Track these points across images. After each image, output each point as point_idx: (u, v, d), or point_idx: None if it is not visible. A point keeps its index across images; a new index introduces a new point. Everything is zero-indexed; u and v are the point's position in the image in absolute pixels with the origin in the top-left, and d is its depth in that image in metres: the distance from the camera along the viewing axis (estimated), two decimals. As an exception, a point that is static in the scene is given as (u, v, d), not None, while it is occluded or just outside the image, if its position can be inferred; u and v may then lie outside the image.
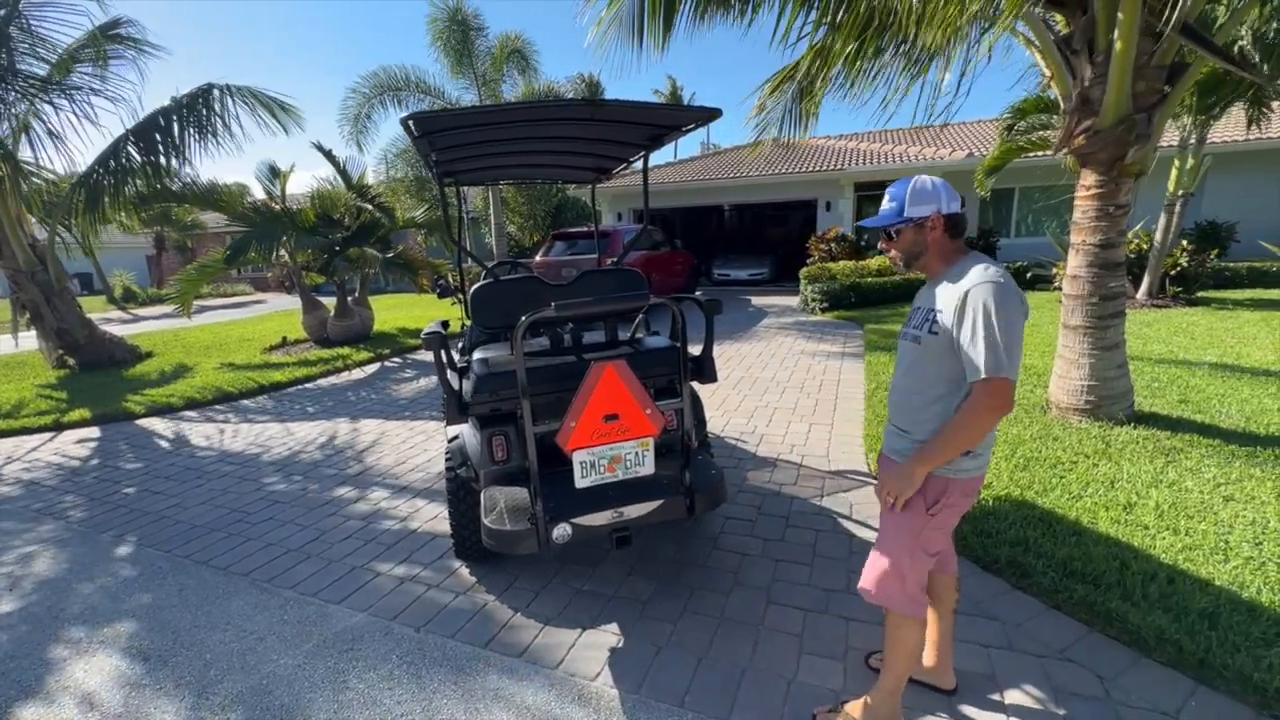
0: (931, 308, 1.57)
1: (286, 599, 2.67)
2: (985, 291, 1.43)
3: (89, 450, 4.91)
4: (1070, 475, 3.26)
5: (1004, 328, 1.41)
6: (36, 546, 3.29)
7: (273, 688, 2.12)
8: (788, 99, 5.65)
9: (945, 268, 1.60)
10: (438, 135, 2.44)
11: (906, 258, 1.65)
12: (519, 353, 1.97)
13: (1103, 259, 3.75)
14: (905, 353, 1.69)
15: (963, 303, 1.46)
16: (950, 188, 1.59)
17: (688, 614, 2.42)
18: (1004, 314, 1.41)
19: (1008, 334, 1.41)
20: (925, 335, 1.57)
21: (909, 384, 1.65)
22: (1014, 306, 1.43)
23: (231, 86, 7.41)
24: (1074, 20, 3.60)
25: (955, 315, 1.47)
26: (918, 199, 1.57)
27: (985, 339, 1.41)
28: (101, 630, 2.51)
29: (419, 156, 10.74)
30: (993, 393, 1.42)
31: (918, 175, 1.62)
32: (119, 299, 18.51)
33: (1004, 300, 1.42)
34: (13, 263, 7.41)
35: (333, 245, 8.40)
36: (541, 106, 2.21)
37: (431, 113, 2.12)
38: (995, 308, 1.41)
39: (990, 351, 1.40)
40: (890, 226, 1.63)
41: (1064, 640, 2.14)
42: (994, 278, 1.45)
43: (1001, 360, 1.40)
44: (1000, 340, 1.40)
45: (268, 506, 3.64)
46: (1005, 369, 1.41)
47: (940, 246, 1.60)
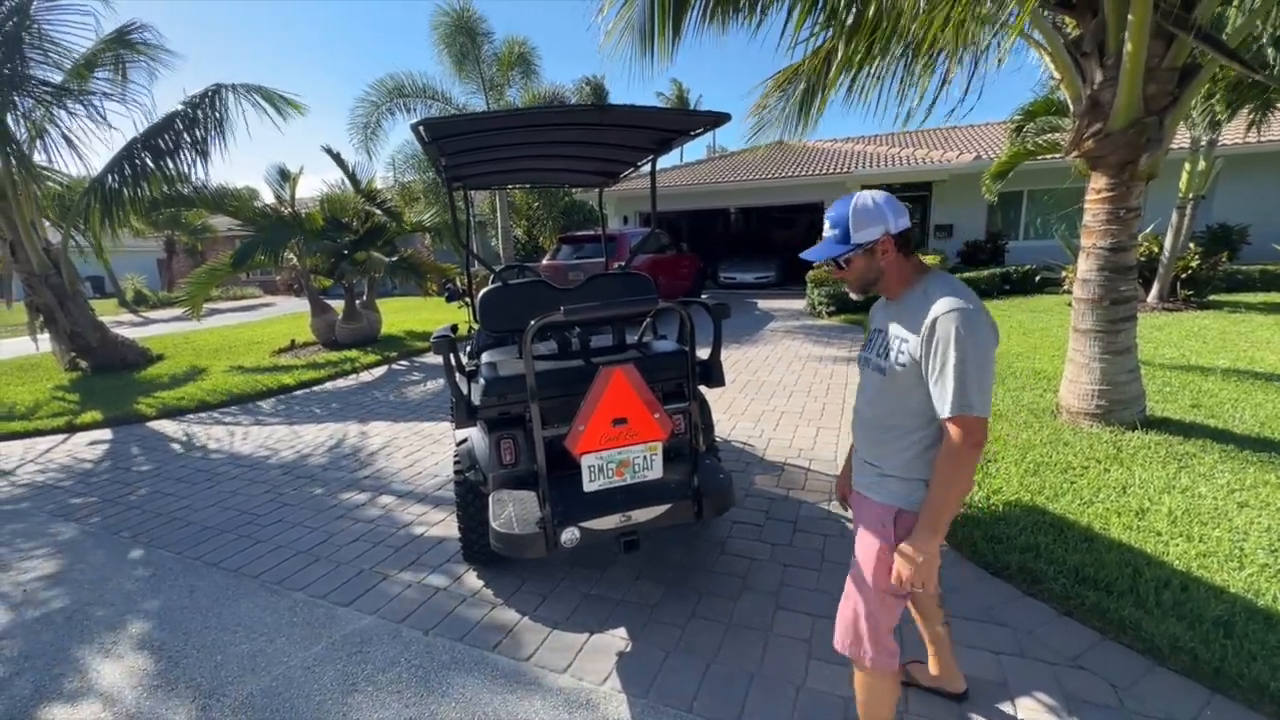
0: (895, 334, 1.45)
1: (296, 601, 2.68)
2: (955, 320, 1.31)
3: (101, 452, 4.96)
4: (1081, 480, 3.23)
5: (976, 359, 1.30)
6: (50, 547, 3.32)
7: (283, 689, 2.13)
8: (791, 99, 5.65)
9: (905, 289, 1.47)
10: (447, 140, 2.46)
11: (861, 285, 1.51)
12: (528, 357, 1.98)
13: (1113, 263, 3.72)
14: (870, 382, 1.55)
15: (931, 332, 1.34)
16: (895, 201, 1.44)
17: (696, 618, 2.41)
18: (976, 344, 1.30)
19: (980, 366, 1.31)
20: (892, 366, 1.44)
21: (878, 416, 1.52)
22: (985, 335, 1.33)
23: (239, 86, 7.50)
24: (1084, 23, 3.58)
25: (923, 346, 1.35)
26: (862, 221, 1.42)
27: (956, 373, 1.30)
28: (114, 631, 2.53)
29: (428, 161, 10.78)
30: (969, 431, 1.31)
31: (858, 193, 1.46)
32: (130, 302, 18.70)
33: (975, 329, 1.31)
34: (27, 266, 7.51)
35: (341, 249, 8.46)
36: (550, 112, 2.23)
37: (441, 119, 2.14)
38: (966, 338, 1.30)
39: (962, 387, 1.30)
40: (839, 257, 1.47)
41: (1076, 647, 2.12)
42: (963, 303, 1.33)
43: (973, 396, 1.30)
44: (973, 374, 1.30)
45: (277, 509, 3.66)
46: (979, 406, 1.31)
47: (897, 268, 1.46)
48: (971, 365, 1.30)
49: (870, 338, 1.58)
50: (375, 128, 11.59)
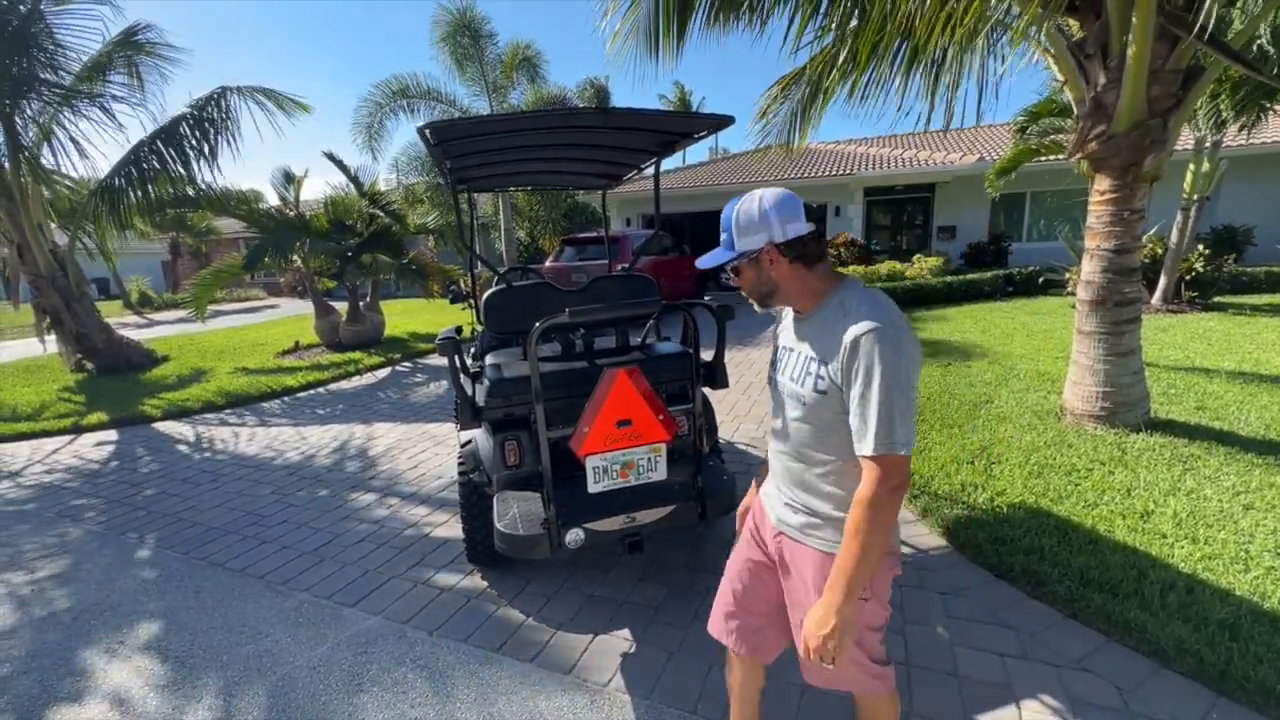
0: (810, 355, 1.26)
1: (301, 601, 2.69)
2: (876, 340, 1.13)
3: (107, 453, 4.99)
4: (1086, 483, 3.22)
5: (902, 389, 1.13)
6: (57, 548, 3.34)
7: (289, 689, 2.14)
8: (795, 103, 5.66)
9: (817, 302, 1.29)
10: (452, 143, 2.48)
11: (755, 297, 1.35)
12: (533, 358, 1.99)
13: (1117, 264, 3.71)
14: (784, 408, 1.35)
15: (852, 354, 1.16)
16: (789, 204, 1.25)
17: (699, 620, 2.41)
18: (901, 371, 1.13)
19: (906, 396, 1.14)
20: (809, 393, 1.25)
21: (800, 449, 1.32)
22: (911, 359, 1.16)
23: (245, 88, 7.54)
24: (1088, 25, 3.58)
25: (843, 368, 1.18)
26: (745, 228, 1.26)
27: (879, 402, 1.13)
28: (121, 631, 2.55)
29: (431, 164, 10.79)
30: (890, 473, 1.14)
31: (748, 194, 1.28)
32: (135, 304, 18.80)
33: (900, 352, 1.14)
34: (34, 268, 7.56)
35: (345, 251, 8.50)
36: (556, 115, 2.25)
37: (447, 121, 2.16)
38: (892, 363, 1.13)
39: (887, 422, 1.13)
40: (728, 265, 1.32)
41: (1081, 650, 2.11)
42: (885, 321, 1.16)
43: (898, 432, 1.13)
44: (899, 405, 1.13)
45: (282, 510, 3.68)
46: (903, 443, 1.14)
47: (795, 280, 1.28)
48: (897, 395, 1.13)
49: (779, 355, 1.40)
50: (379, 128, 11.64)
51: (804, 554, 1.34)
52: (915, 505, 3.18)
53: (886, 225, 15.40)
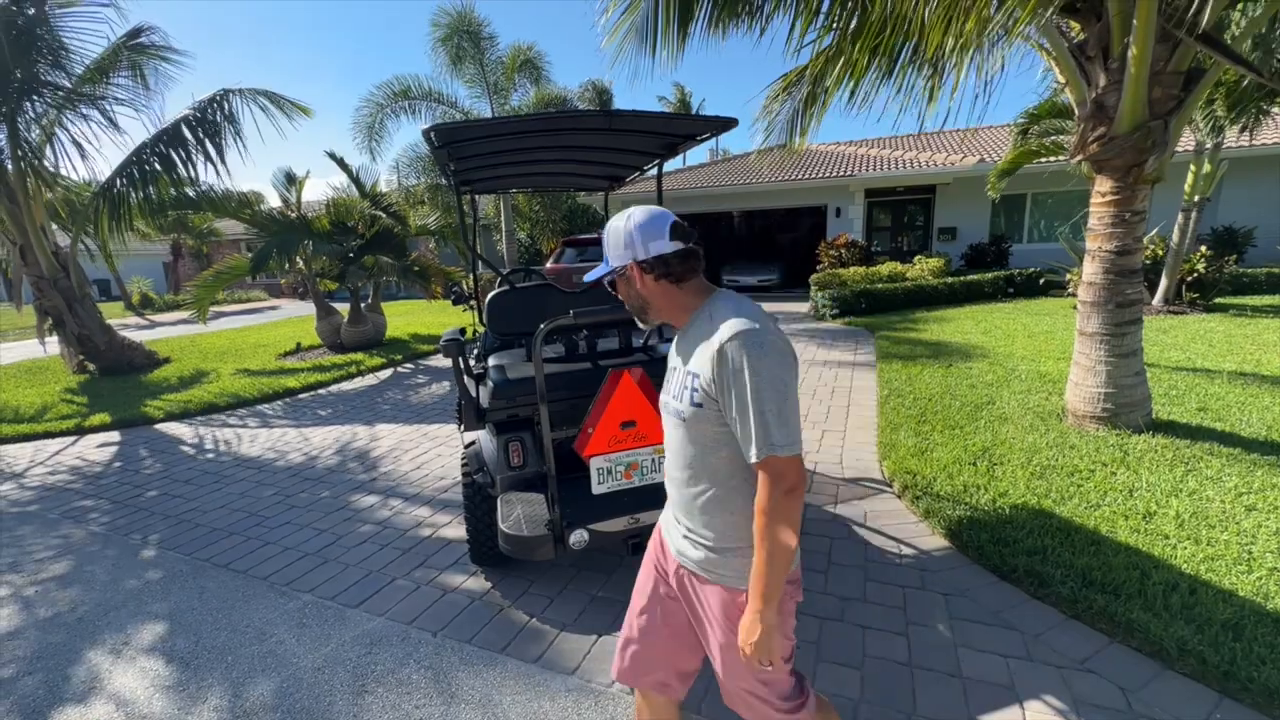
0: (687, 370, 1.24)
1: (305, 602, 2.70)
2: (740, 346, 1.12)
3: (110, 454, 5.00)
4: (1088, 484, 3.23)
5: (772, 388, 1.11)
6: (60, 549, 3.35)
7: (294, 690, 2.14)
8: (796, 103, 5.67)
9: (689, 317, 1.28)
10: (457, 145, 2.49)
11: (633, 311, 1.35)
12: (538, 360, 2.00)
13: (1119, 266, 3.72)
14: (669, 429, 1.32)
15: (719, 362, 1.15)
16: (654, 222, 1.23)
17: (703, 621, 2.42)
18: (769, 371, 1.11)
19: (779, 396, 1.11)
20: (687, 408, 1.22)
21: (685, 472, 1.28)
22: (775, 359, 1.13)
23: (245, 90, 7.55)
24: (1088, 27, 3.59)
25: (715, 378, 1.16)
26: (613, 246, 1.27)
27: (754, 408, 1.11)
28: (125, 632, 2.55)
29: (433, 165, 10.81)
30: (780, 475, 1.12)
31: (624, 211, 1.28)
32: (136, 305, 18.81)
33: (765, 352, 1.12)
34: (36, 270, 7.58)
35: (347, 253, 8.51)
36: (560, 117, 2.26)
37: (452, 124, 2.17)
38: (758, 364, 1.11)
39: (763, 424, 1.11)
40: (604, 279, 1.34)
41: (1084, 651, 2.12)
42: (749, 324, 1.14)
43: (773, 433, 1.11)
44: (771, 406, 1.11)
45: (285, 511, 3.68)
46: (784, 443, 1.11)
47: (664, 297, 1.27)
48: (768, 397, 1.11)
49: (667, 377, 1.36)
50: (380, 129, 11.67)
51: (708, 591, 1.31)
52: (918, 506, 3.19)
53: (887, 226, 15.41)
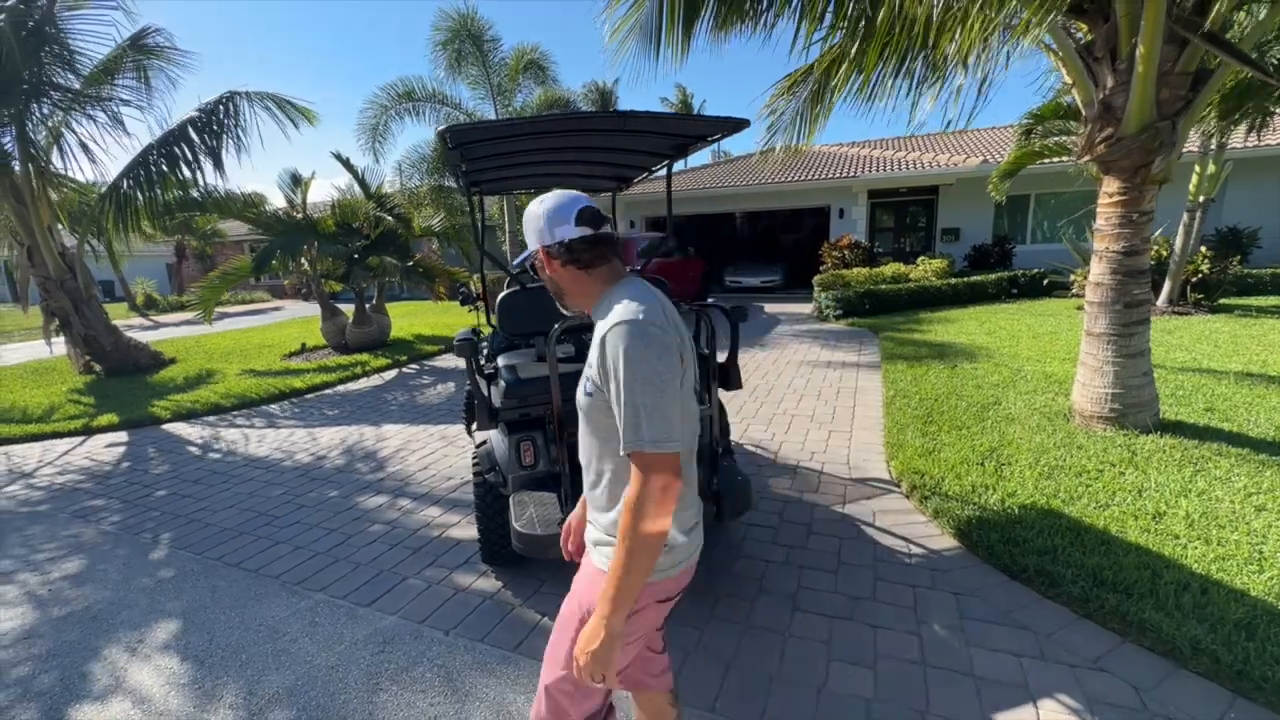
0: (589, 359, 1.22)
1: (317, 601, 2.71)
2: (618, 335, 1.09)
3: (118, 454, 5.02)
4: (1096, 484, 3.23)
5: (644, 381, 1.07)
6: (72, 548, 3.36)
7: (308, 688, 2.15)
8: (800, 103, 5.68)
9: (595, 305, 1.26)
10: (469, 146, 2.50)
11: (554, 296, 1.33)
12: (552, 359, 2.01)
13: (1126, 266, 3.73)
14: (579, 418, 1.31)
15: (601, 351, 1.13)
16: (562, 209, 1.21)
17: (714, 620, 2.42)
18: (641, 363, 1.07)
19: (651, 389, 1.07)
20: (583, 397, 1.22)
21: (586, 460, 1.28)
22: (654, 350, 1.09)
23: (252, 92, 7.58)
24: (1096, 28, 3.60)
25: (599, 368, 1.15)
26: (528, 231, 1.26)
27: (626, 400, 1.08)
28: (140, 629, 2.56)
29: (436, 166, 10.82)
30: (648, 471, 1.07)
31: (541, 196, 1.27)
32: (140, 306, 18.86)
33: (641, 343, 1.08)
34: (44, 270, 7.61)
35: (352, 253, 8.53)
36: (574, 118, 2.28)
37: (467, 125, 2.18)
38: (631, 355, 1.08)
39: (632, 418, 1.07)
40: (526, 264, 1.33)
41: (1096, 650, 2.12)
42: (631, 315, 1.11)
43: (642, 427, 1.07)
44: (641, 400, 1.07)
45: (294, 510, 3.70)
46: (651, 438, 1.06)
47: (573, 283, 1.25)
48: (640, 389, 1.07)
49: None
50: (384, 131, 11.68)
51: (585, 565, 1.31)
52: (926, 506, 3.19)
53: (890, 228, 15.41)
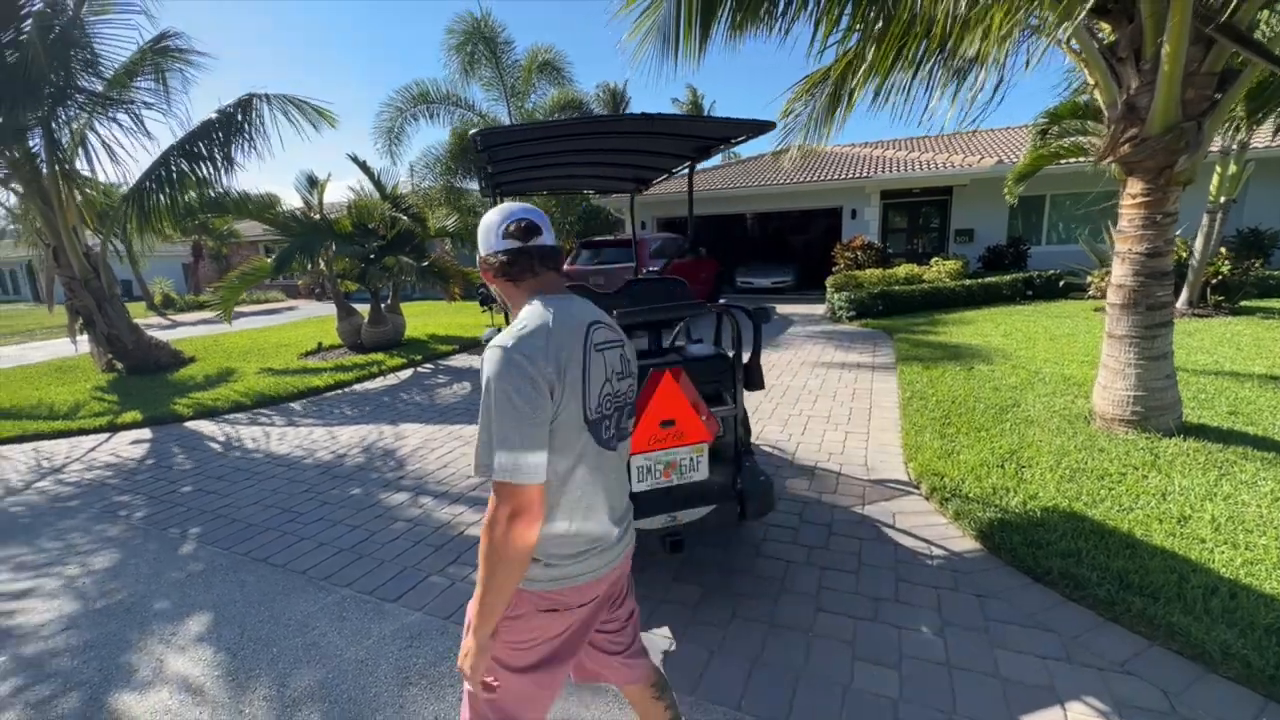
0: None
1: (343, 596, 2.76)
2: (488, 359, 1.11)
3: (143, 451, 5.11)
4: (1119, 487, 3.21)
5: (498, 409, 1.08)
6: (103, 542, 3.44)
7: (339, 681, 2.19)
8: (817, 105, 5.68)
9: None
10: (498, 149, 2.54)
11: (502, 306, 1.39)
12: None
13: (1150, 268, 3.70)
14: None
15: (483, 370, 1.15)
16: (496, 222, 1.25)
17: (737, 619, 2.44)
18: (497, 390, 1.08)
19: (503, 417, 1.07)
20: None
21: None
22: (510, 383, 1.08)
23: (271, 95, 7.68)
24: (1120, 28, 3.58)
25: None
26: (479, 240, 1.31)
27: (483, 425, 1.11)
28: (172, 622, 2.62)
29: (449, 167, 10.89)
30: (497, 497, 1.08)
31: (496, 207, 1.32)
32: (158, 305, 19.15)
33: (500, 371, 1.09)
34: (69, 270, 7.75)
35: (368, 254, 8.62)
36: (602, 121, 2.30)
37: (498, 128, 2.21)
38: (491, 382, 1.09)
39: (485, 443, 1.11)
40: None
41: (1123, 653, 2.11)
42: (504, 340, 1.12)
43: (483, 454, 1.11)
44: (493, 427, 1.08)
45: (317, 507, 3.75)
46: (499, 467, 1.07)
47: (508, 295, 1.28)
48: (496, 418, 1.08)
49: None
50: (399, 133, 11.81)
51: None
52: (947, 508, 3.18)
53: (903, 228, 15.32)
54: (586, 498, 1.22)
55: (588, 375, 1.18)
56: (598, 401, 1.20)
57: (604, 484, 1.25)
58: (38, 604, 2.83)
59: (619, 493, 1.32)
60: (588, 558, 1.24)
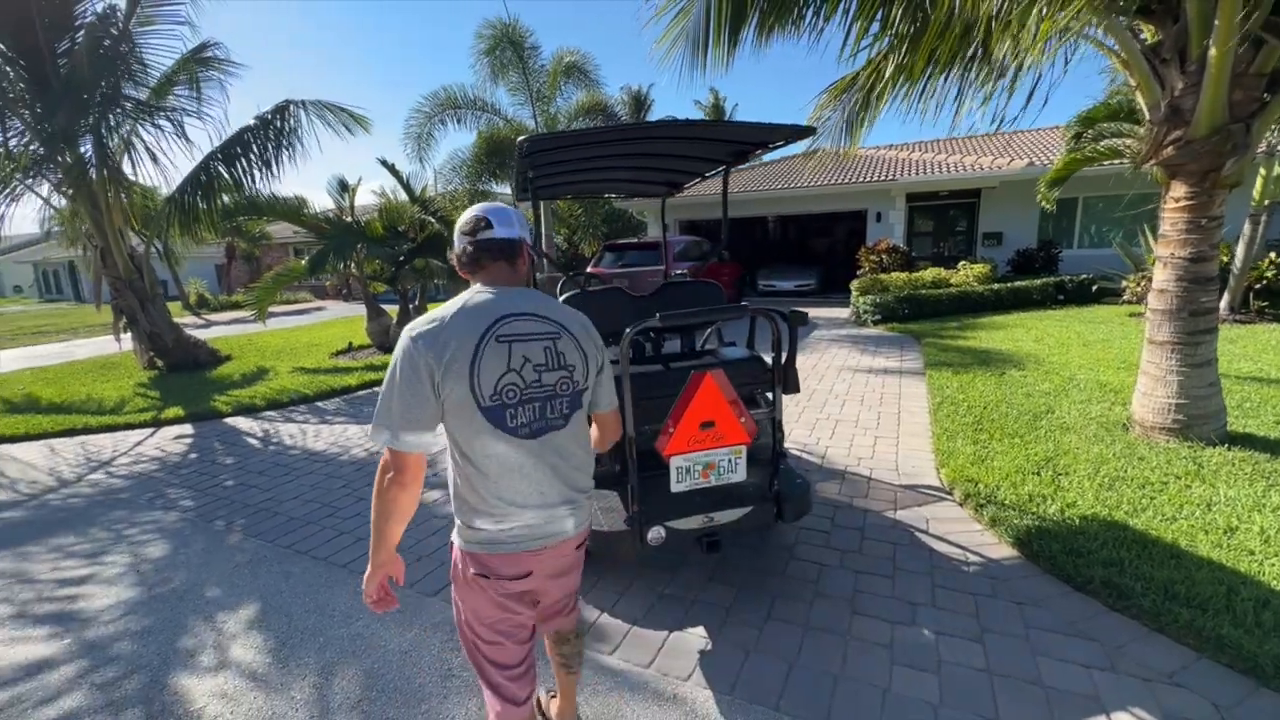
0: None
1: (385, 590, 2.83)
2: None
3: (186, 445, 5.29)
4: (1161, 496, 3.15)
5: (388, 379, 1.28)
6: (153, 532, 3.57)
7: (384, 671, 2.26)
8: (847, 109, 5.67)
9: None
10: (541, 155, 2.59)
11: None
12: (625, 361, 2.07)
13: (1193, 273, 3.62)
14: None
15: None
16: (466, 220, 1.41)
17: (772, 621, 2.45)
18: (391, 369, 1.28)
19: (386, 386, 1.27)
20: None
21: None
22: (401, 355, 1.27)
23: (307, 102, 7.90)
24: (1164, 30, 3.52)
25: None
26: None
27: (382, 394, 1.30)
28: (224, 610, 2.72)
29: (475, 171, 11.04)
30: (384, 456, 1.29)
31: None
32: (193, 305, 19.74)
33: (396, 354, 1.29)
34: (115, 271, 8.06)
35: (398, 256, 8.80)
36: (644, 126, 2.34)
37: (546, 135, 2.27)
38: (393, 360, 1.29)
39: (378, 409, 1.29)
40: None
41: (1170, 664, 2.08)
42: (408, 326, 1.31)
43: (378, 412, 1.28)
44: (383, 400, 1.28)
45: (355, 503, 3.85)
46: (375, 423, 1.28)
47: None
48: (385, 389, 1.28)
49: None
50: (427, 137, 12.04)
51: None
52: (982, 515, 3.15)
53: (928, 232, 15.12)
54: (503, 477, 1.35)
55: (477, 364, 1.28)
56: (493, 390, 1.30)
57: (525, 469, 1.36)
58: (96, 590, 2.95)
59: (550, 481, 1.40)
60: (512, 532, 1.38)
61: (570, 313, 1.46)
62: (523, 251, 1.43)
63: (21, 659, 2.45)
